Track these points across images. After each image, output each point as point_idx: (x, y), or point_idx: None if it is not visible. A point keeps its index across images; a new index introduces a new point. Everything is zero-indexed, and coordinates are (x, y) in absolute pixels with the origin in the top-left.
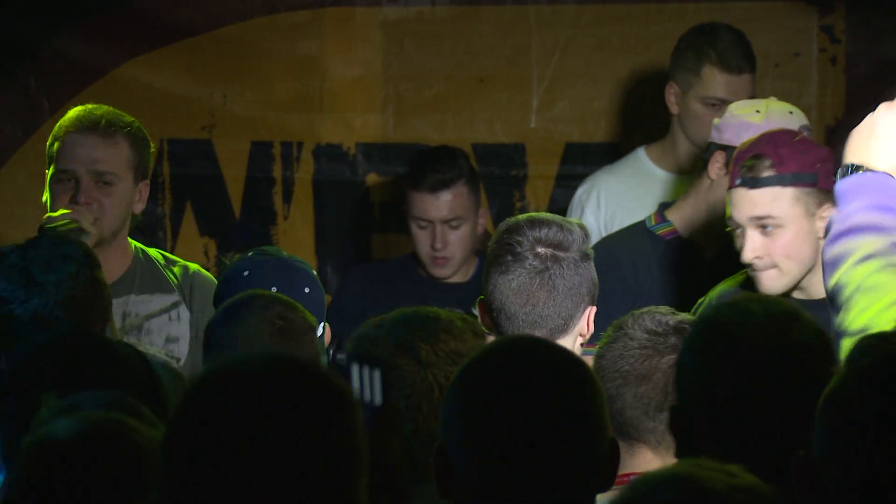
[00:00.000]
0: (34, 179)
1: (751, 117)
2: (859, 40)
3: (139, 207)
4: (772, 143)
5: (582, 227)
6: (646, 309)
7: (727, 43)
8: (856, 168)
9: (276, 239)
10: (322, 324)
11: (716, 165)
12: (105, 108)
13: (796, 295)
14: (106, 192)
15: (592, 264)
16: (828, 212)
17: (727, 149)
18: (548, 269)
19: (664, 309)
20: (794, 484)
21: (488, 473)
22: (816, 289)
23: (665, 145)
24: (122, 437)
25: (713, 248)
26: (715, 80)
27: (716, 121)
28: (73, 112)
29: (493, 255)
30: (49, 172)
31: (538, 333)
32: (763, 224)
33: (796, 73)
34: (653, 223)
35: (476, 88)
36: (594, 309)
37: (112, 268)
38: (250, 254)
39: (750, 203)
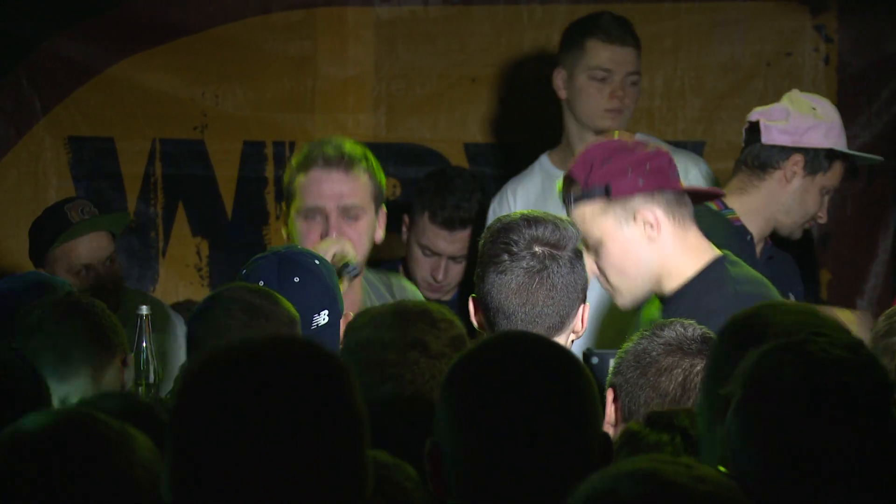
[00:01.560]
0: (26, 179)
1: (815, 116)
2: (852, 40)
3: (380, 234)
4: (578, 163)
5: (574, 225)
6: (675, 320)
7: (608, 19)
8: None
9: (268, 239)
10: (324, 311)
11: (796, 167)
12: (338, 140)
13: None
14: (354, 227)
15: (584, 262)
16: (647, 214)
17: (806, 151)
18: (546, 267)
19: (691, 322)
20: None
21: (477, 470)
22: (669, 287)
23: (563, 147)
24: (88, 430)
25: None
26: (599, 51)
27: (780, 123)
28: (310, 147)
29: (488, 254)
30: (294, 208)
31: (535, 332)
32: (592, 247)
33: (789, 73)
34: (716, 209)
35: (469, 88)
36: (587, 306)
37: (356, 297)
38: (261, 253)
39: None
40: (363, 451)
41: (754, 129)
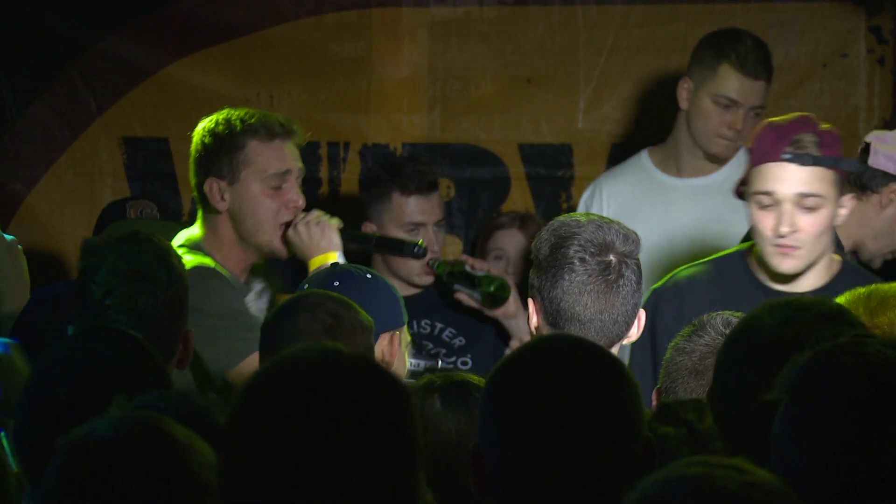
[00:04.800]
0: (82, 180)
1: None
2: None
3: None
4: (809, 126)
5: (635, 233)
6: (726, 312)
7: (748, 47)
8: None
9: None
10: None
11: (893, 194)
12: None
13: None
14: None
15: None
16: (848, 201)
17: None
18: (622, 275)
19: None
20: None
21: (520, 473)
22: (805, 283)
23: (667, 148)
24: (161, 436)
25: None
26: (729, 80)
27: (889, 148)
28: (253, 115)
29: (558, 259)
30: (255, 175)
31: (604, 339)
32: (812, 204)
33: (844, 74)
34: None
35: (523, 89)
36: (643, 313)
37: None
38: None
39: (798, 179)
40: (417, 472)
41: (866, 150)
